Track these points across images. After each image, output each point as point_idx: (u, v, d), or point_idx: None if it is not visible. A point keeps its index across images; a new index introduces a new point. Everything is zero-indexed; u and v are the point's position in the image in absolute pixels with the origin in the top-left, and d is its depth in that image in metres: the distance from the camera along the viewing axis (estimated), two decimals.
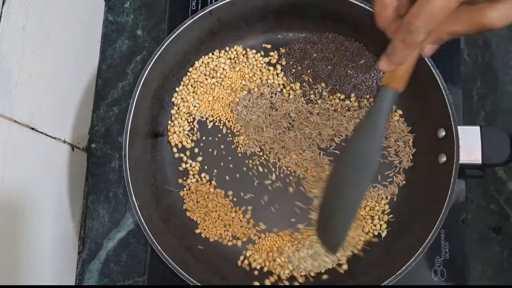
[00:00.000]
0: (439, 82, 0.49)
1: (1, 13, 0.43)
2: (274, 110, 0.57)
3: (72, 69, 0.57)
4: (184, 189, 0.56)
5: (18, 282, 0.46)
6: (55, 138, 0.53)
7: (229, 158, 0.56)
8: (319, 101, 0.57)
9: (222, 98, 0.58)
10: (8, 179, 0.44)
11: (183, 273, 0.48)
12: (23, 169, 0.47)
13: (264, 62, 0.59)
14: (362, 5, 0.51)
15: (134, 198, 0.49)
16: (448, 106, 0.48)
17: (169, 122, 0.57)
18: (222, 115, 0.58)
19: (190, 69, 0.58)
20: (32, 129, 0.48)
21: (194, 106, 0.57)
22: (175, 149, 0.57)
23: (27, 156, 0.47)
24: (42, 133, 0.50)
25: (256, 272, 0.53)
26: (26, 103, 0.47)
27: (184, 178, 0.56)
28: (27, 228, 0.48)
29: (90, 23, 0.62)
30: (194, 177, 0.56)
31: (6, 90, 0.44)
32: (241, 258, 0.54)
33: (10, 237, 0.45)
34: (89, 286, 0.57)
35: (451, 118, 0.48)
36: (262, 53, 0.59)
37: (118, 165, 0.60)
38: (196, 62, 0.58)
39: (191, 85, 0.58)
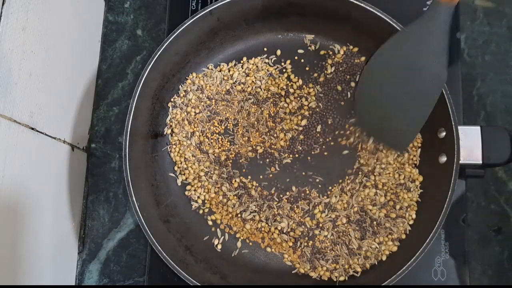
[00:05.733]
0: None
1: (1, 13, 0.43)
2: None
3: (72, 69, 0.57)
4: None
5: (18, 282, 0.46)
6: (55, 138, 0.53)
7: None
8: None
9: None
10: (8, 179, 0.44)
11: (183, 273, 0.48)
12: (23, 169, 0.47)
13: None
14: (363, 5, 0.51)
15: (134, 199, 0.49)
16: (449, 106, 0.48)
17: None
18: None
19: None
20: (32, 129, 0.48)
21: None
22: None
23: (27, 156, 0.47)
24: (42, 133, 0.50)
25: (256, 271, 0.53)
26: (26, 103, 0.47)
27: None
28: (27, 228, 0.48)
29: (90, 23, 0.62)
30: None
31: (6, 90, 0.44)
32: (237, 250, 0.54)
33: (10, 237, 0.45)
34: (89, 286, 0.57)
35: (452, 118, 0.48)
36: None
37: (118, 165, 0.60)
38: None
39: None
